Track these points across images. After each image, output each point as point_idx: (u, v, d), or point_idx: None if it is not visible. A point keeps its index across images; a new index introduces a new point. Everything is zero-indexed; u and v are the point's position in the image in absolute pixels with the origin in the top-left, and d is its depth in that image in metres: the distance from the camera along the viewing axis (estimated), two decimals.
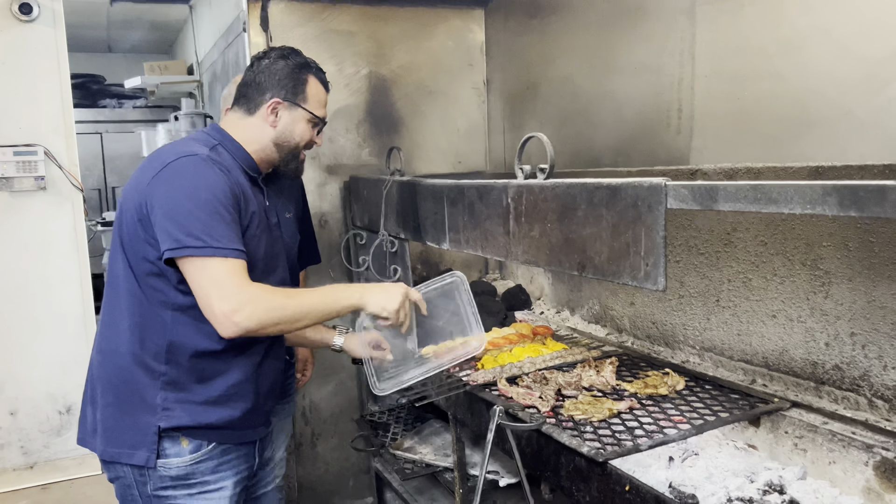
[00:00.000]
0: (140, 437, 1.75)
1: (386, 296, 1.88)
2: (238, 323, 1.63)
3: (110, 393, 1.80)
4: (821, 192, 1.08)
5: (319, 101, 2.01)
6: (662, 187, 1.38)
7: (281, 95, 1.92)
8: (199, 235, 1.64)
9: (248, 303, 1.64)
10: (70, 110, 3.60)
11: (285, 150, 1.98)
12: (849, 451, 1.68)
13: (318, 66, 2.04)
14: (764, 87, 2.04)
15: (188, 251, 1.64)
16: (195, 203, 1.67)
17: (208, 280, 1.64)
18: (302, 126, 1.97)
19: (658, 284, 1.41)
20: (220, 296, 1.63)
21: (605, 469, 1.65)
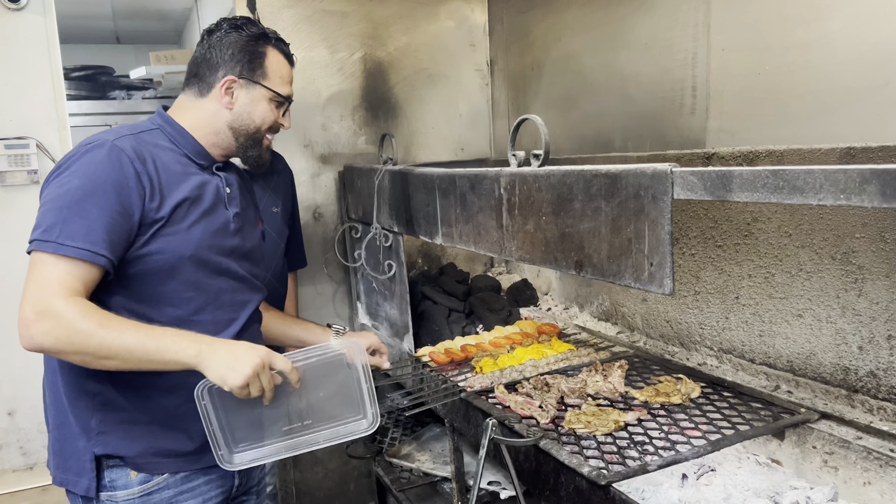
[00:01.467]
0: (80, 464, 1.57)
1: (231, 362, 1.44)
2: (33, 336, 1.37)
3: (53, 415, 1.64)
4: (858, 178, 0.88)
5: (282, 76, 1.77)
6: (668, 174, 1.18)
7: (236, 72, 1.70)
8: (47, 228, 1.43)
9: (52, 316, 1.36)
10: (63, 101, 3.48)
11: (244, 135, 1.74)
12: (886, 471, 1.48)
13: (278, 37, 1.80)
14: (786, 60, 1.82)
15: (33, 245, 1.43)
16: (61, 192, 1.46)
17: (34, 273, 1.41)
18: (262, 107, 1.74)
19: (664, 287, 1.22)
20: (28, 298, 1.38)
21: (609, 493, 1.46)
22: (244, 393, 1.45)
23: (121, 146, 1.53)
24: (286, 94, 1.78)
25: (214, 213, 1.68)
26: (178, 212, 1.59)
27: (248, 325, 1.75)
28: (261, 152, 1.79)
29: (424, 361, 2.40)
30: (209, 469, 1.67)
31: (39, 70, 3.28)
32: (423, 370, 2.35)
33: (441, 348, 2.46)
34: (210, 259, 1.64)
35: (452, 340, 2.55)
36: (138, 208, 1.52)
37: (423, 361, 2.40)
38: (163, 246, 1.56)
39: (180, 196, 1.60)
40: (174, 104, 1.75)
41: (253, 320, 1.78)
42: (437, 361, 2.36)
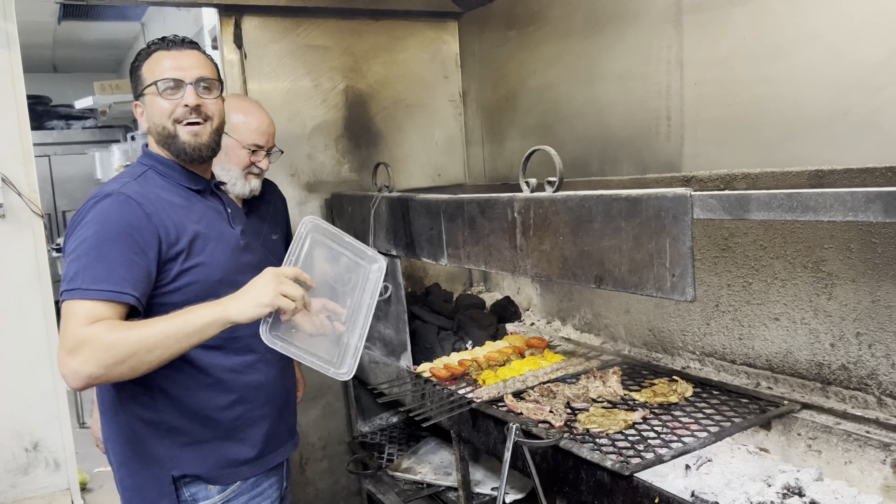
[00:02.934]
0: (158, 490, 1.70)
1: (253, 293, 1.57)
2: (77, 370, 1.44)
3: (119, 452, 1.75)
4: (864, 199, 1.08)
5: (152, 70, 1.74)
6: (688, 198, 1.37)
7: (136, 97, 1.78)
8: (72, 278, 1.52)
9: (83, 344, 1.45)
10: (28, 135, 3.45)
11: (162, 137, 1.75)
12: (865, 451, 1.71)
13: (152, 42, 1.79)
14: (756, 92, 2.07)
15: (64, 296, 1.52)
16: (78, 244, 1.56)
17: (63, 323, 1.50)
18: (152, 102, 1.74)
19: (686, 295, 1.40)
20: (63, 338, 1.48)
21: (632, 482, 1.63)
22: (287, 302, 1.56)
23: (127, 192, 1.64)
24: (164, 78, 1.72)
25: (225, 234, 1.79)
26: (196, 243, 1.70)
27: None
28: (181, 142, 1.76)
29: (426, 377, 2.53)
30: (271, 472, 1.86)
31: (4, 104, 3.27)
32: (425, 385, 2.48)
33: (440, 364, 2.59)
34: (236, 279, 1.70)
35: (448, 357, 2.69)
36: (154, 246, 1.61)
37: (423, 377, 2.53)
38: (194, 277, 1.68)
39: (193, 229, 1.71)
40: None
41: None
42: (437, 376, 2.49)
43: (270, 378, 1.87)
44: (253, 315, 1.55)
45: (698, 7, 2.21)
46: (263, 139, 2.42)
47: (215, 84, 1.80)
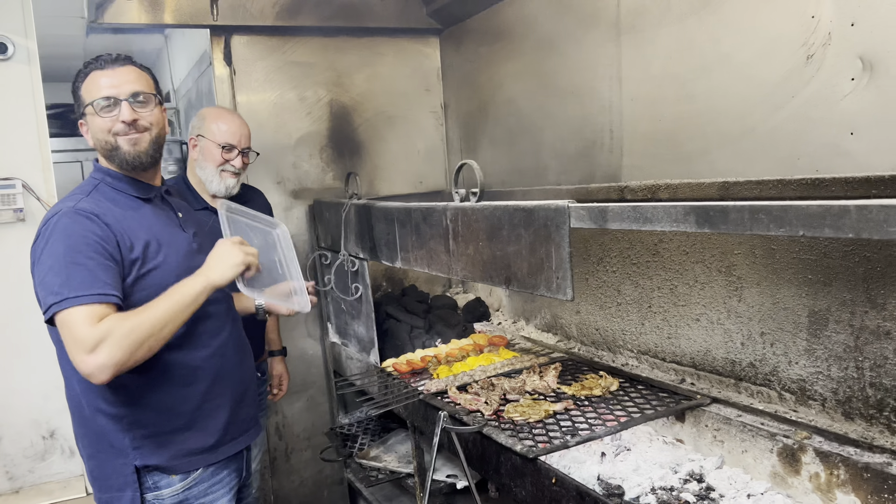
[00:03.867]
0: (122, 479, 1.81)
1: (224, 258, 1.83)
2: (104, 363, 1.59)
3: (86, 444, 1.86)
4: (682, 212, 1.25)
5: (89, 89, 1.82)
6: (566, 209, 1.55)
7: (80, 117, 1.87)
8: (58, 290, 1.62)
9: (103, 338, 1.59)
10: (47, 143, 3.75)
11: (105, 150, 1.85)
12: (757, 441, 1.85)
13: (89, 61, 1.88)
14: (680, 108, 2.22)
15: (53, 308, 1.63)
16: (53, 259, 1.66)
17: (67, 331, 1.62)
18: (94, 122, 1.83)
19: (567, 295, 1.58)
20: (76, 342, 1.60)
21: (536, 465, 1.81)
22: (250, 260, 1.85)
23: (80, 207, 1.74)
24: (97, 98, 1.81)
25: (176, 239, 1.93)
26: (149, 250, 1.81)
27: (234, 324, 2.07)
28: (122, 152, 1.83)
29: (388, 371, 2.73)
30: (229, 460, 1.99)
31: (25, 115, 3.55)
32: (388, 379, 2.67)
33: (403, 359, 2.79)
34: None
35: (413, 353, 2.89)
36: (116, 253, 1.74)
37: (387, 371, 2.73)
38: (150, 281, 1.81)
39: (145, 236, 1.82)
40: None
41: (235, 319, 2.09)
42: (399, 371, 2.69)
43: (227, 369, 2.00)
44: (231, 275, 1.82)
45: (633, 28, 2.38)
46: (235, 139, 2.64)
47: (150, 97, 1.87)
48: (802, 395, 1.90)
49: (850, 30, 1.72)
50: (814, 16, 1.79)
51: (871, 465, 1.58)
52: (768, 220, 1.09)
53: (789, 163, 1.91)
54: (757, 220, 1.11)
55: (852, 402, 1.78)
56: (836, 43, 1.75)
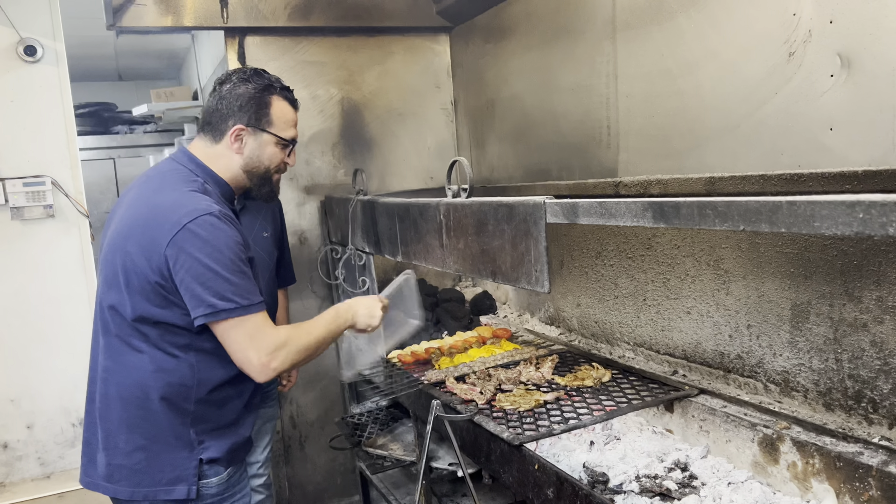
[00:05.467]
0: (178, 473, 1.83)
1: (371, 312, 2.12)
2: (276, 368, 1.80)
3: (137, 436, 1.83)
4: (641, 207, 1.31)
5: (286, 121, 1.99)
6: (542, 205, 1.61)
7: (244, 121, 1.91)
8: (230, 298, 1.73)
9: (281, 348, 1.79)
10: (74, 142, 3.91)
11: (256, 176, 1.99)
12: (739, 430, 1.89)
13: (283, 85, 2.01)
14: (670, 105, 2.26)
15: (223, 315, 1.73)
16: (221, 265, 1.73)
17: (245, 336, 1.76)
18: (270, 150, 1.97)
19: (544, 288, 1.64)
20: (258, 348, 1.77)
21: (521, 451, 1.87)
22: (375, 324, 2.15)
23: (221, 212, 1.80)
24: (290, 137, 2.01)
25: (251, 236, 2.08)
26: (250, 251, 1.90)
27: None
28: (272, 188, 2.06)
29: (394, 362, 2.81)
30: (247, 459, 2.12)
31: (53, 115, 3.72)
32: (393, 369, 2.76)
33: (408, 351, 2.87)
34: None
35: (419, 345, 2.96)
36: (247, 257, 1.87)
37: (392, 362, 2.82)
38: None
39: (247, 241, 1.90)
40: (194, 147, 1.98)
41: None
42: (403, 362, 2.77)
43: None
44: (365, 326, 2.13)
45: (627, 25, 2.41)
46: None
47: None
48: (786, 387, 1.93)
49: (829, 27, 1.74)
50: (795, 13, 1.82)
51: (844, 455, 1.61)
52: (714, 215, 1.14)
53: (773, 158, 1.94)
54: (704, 215, 1.16)
55: (832, 393, 1.81)
56: (816, 40, 1.78)
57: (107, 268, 1.87)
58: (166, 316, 1.79)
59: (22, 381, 3.47)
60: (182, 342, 1.82)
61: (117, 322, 1.84)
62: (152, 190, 1.88)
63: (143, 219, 1.80)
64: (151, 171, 1.98)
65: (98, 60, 7.67)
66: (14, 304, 3.44)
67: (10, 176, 3.54)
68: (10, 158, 3.51)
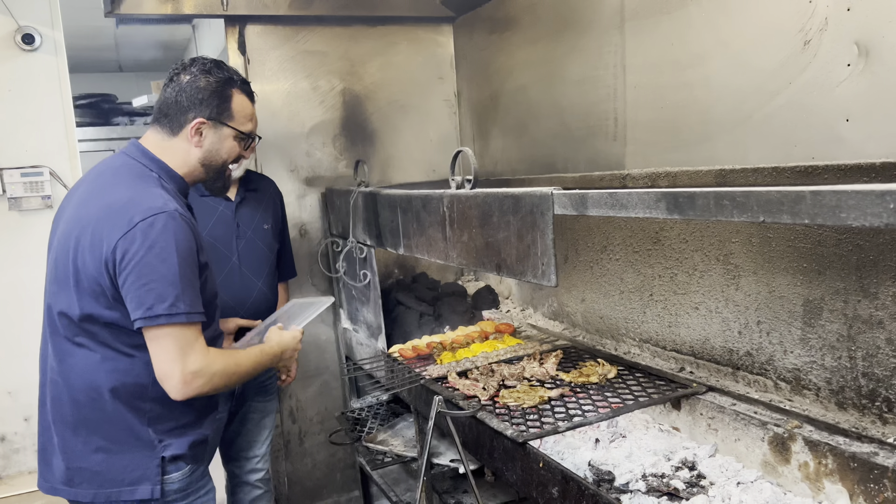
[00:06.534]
0: (141, 473, 1.81)
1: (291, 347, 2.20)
2: (193, 390, 1.74)
3: (96, 438, 1.80)
4: (654, 198, 1.26)
5: (245, 115, 1.99)
6: (550, 196, 1.56)
7: (205, 115, 1.89)
8: (172, 301, 1.68)
9: (205, 371, 1.75)
10: (73, 132, 3.86)
11: (212, 170, 1.98)
12: (749, 429, 1.85)
13: (242, 79, 2.02)
14: (679, 96, 2.21)
15: (163, 319, 1.68)
16: (168, 268, 1.69)
17: (175, 347, 1.71)
18: (229, 144, 1.97)
19: (551, 281, 1.59)
20: (184, 363, 1.72)
21: (526, 449, 1.83)
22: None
23: (177, 210, 1.75)
24: (248, 131, 2.02)
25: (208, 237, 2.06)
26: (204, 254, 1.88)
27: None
28: (225, 182, 2.05)
29: (395, 357, 2.76)
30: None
31: (52, 104, 3.67)
32: (394, 364, 2.71)
33: (409, 345, 2.83)
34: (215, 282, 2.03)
35: (420, 339, 2.92)
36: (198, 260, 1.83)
37: (393, 357, 2.77)
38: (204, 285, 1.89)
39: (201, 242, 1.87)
40: (147, 141, 1.92)
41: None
42: (405, 356, 2.73)
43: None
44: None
45: (636, 15, 2.36)
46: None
47: None
48: (797, 385, 1.89)
49: (846, 15, 1.69)
50: (810, 1, 1.77)
51: (858, 455, 1.57)
52: (732, 206, 1.10)
53: (785, 150, 1.89)
54: (721, 206, 1.12)
55: (845, 391, 1.76)
56: (833, 29, 1.73)
57: (56, 268, 1.82)
58: (115, 317, 1.75)
59: (19, 373, 3.43)
60: (135, 342, 1.78)
61: (65, 323, 1.79)
62: (103, 187, 1.82)
63: (94, 218, 1.75)
64: (101, 167, 1.91)
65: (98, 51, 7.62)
66: (11, 296, 3.40)
67: (7, 166, 3.49)
68: (8, 148, 3.46)
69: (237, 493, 2.96)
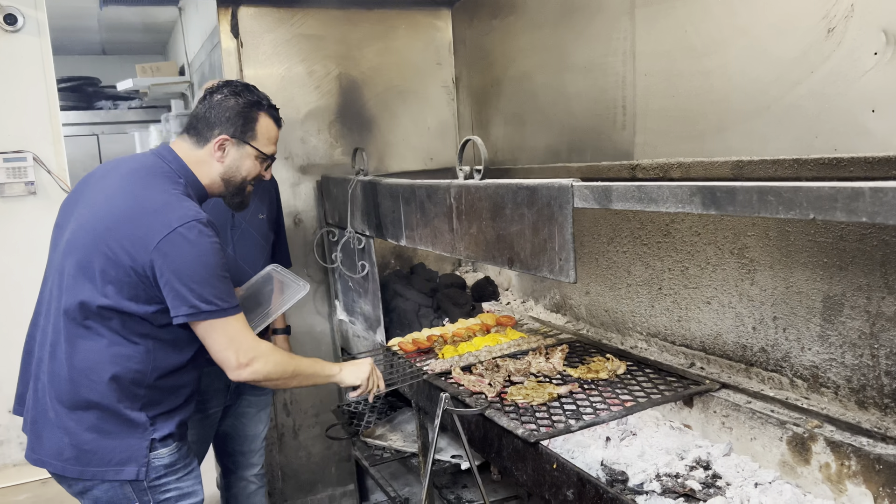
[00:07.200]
0: (129, 454, 1.87)
1: (361, 374, 2.19)
2: (251, 373, 1.90)
3: (90, 417, 1.86)
4: (688, 192, 1.19)
5: (269, 138, 2.11)
6: (569, 188, 1.49)
7: (229, 132, 2.02)
8: (212, 300, 1.83)
9: (260, 358, 1.91)
10: (57, 116, 3.74)
11: (232, 185, 2.09)
12: (766, 428, 1.80)
13: (270, 104, 2.13)
14: (694, 84, 2.14)
15: (203, 316, 1.83)
16: (206, 270, 1.83)
17: (225, 337, 1.87)
18: (249, 162, 2.08)
19: (570, 277, 1.53)
20: (237, 350, 1.88)
21: (538, 449, 1.77)
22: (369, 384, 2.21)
23: (207, 219, 1.88)
24: (270, 153, 2.13)
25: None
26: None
27: None
28: (243, 198, 2.17)
29: (394, 350, 2.69)
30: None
31: (35, 87, 3.55)
32: (393, 358, 2.64)
33: (409, 338, 2.76)
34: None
35: (420, 332, 2.85)
36: None
37: (392, 350, 2.70)
38: None
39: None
40: (178, 147, 2.04)
41: None
42: (404, 350, 2.66)
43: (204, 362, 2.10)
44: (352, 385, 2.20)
45: (648, 1, 2.29)
46: None
47: None
48: (815, 383, 1.84)
49: (874, 1, 1.63)
50: None
51: (884, 457, 1.52)
52: (777, 202, 1.03)
53: (806, 142, 1.83)
54: (766, 202, 1.05)
55: (866, 390, 1.71)
56: (859, 15, 1.66)
57: (79, 252, 1.86)
58: (133, 308, 1.84)
59: (3, 363, 3.32)
60: (142, 331, 1.87)
61: (80, 309, 1.85)
62: (139, 185, 1.92)
63: (130, 213, 1.85)
64: (134, 164, 2.01)
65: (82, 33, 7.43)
66: None
67: None
68: None
69: (231, 488, 2.89)
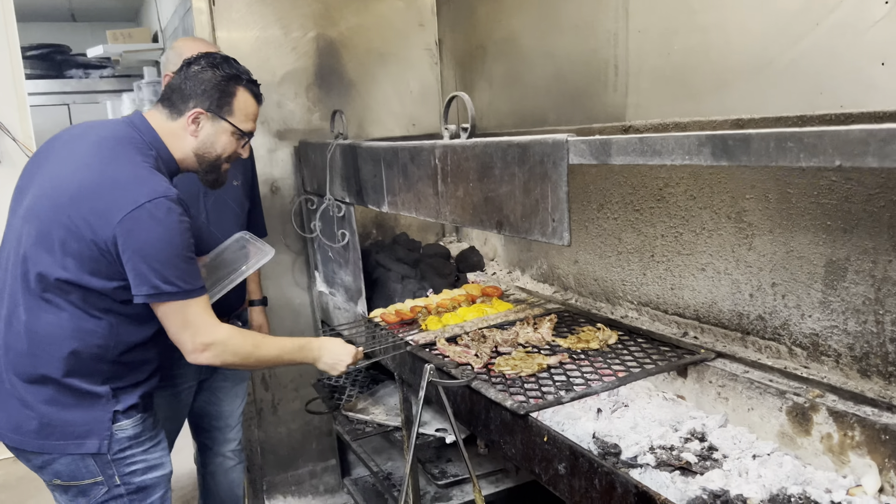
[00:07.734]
0: (90, 427, 1.84)
1: (336, 357, 2.12)
2: (205, 360, 1.87)
3: (50, 390, 1.82)
4: (696, 143, 1.10)
5: (247, 114, 2.01)
6: (564, 143, 1.39)
7: (204, 106, 1.93)
8: (173, 281, 1.77)
9: (219, 344, 1.87)
10: (22, 83, 3.58)
11: (206, 162, 2.00)
12: (764, 398, 1.73)
13: (250, 78, 2.03)
14: (690, 41, 2.04)
15: (165, 297, 1.78)
16: (171, 249, 1.77)
17: (182, 319, 1.83)
18: (225, 138, 1.98)
19: (563, 240, 1.43)
20: (194, 333, 1.84)
21: (527, 421, 1.69)
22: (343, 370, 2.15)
23: (177, 196, 1.81)
24: (248, 130, 2.02)
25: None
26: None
27: None
28: (218, 176, 2.07)
29: (376, 322, 2.60)
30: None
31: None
32: (375, 329, 2.55)
33: (392, 310, 2.66)
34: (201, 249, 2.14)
35: (403, 303, 2.75)
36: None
37: (374, 322, 2.61)
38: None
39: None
40: (151, 117, 1.95)
41: None
42: (387, 321, 2.56)
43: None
44: (328, 370, 2.14)
45: None
46: None
47: None
48: (815, 351, 1.77)
49: None
50: None
51: (891, 427, 1.46)
52: (798, 148, 0.94)
53: (810, 98, 1.74)
54: (784, 149, 0.96)
55: (870, 358, 1.64)
56: None
57: (39, 221, 1.80)
58: (94, 283, 1.78)
59: None
60: (104, 305, 1.83)
61: (39, 281, 1.80)
62: (107, 155, 1.84)
63: (95, 185, 1.78)
64: (105, 132, 1.91)
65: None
66: None
67: None
68: None
69: (208, 465, 2.80)
